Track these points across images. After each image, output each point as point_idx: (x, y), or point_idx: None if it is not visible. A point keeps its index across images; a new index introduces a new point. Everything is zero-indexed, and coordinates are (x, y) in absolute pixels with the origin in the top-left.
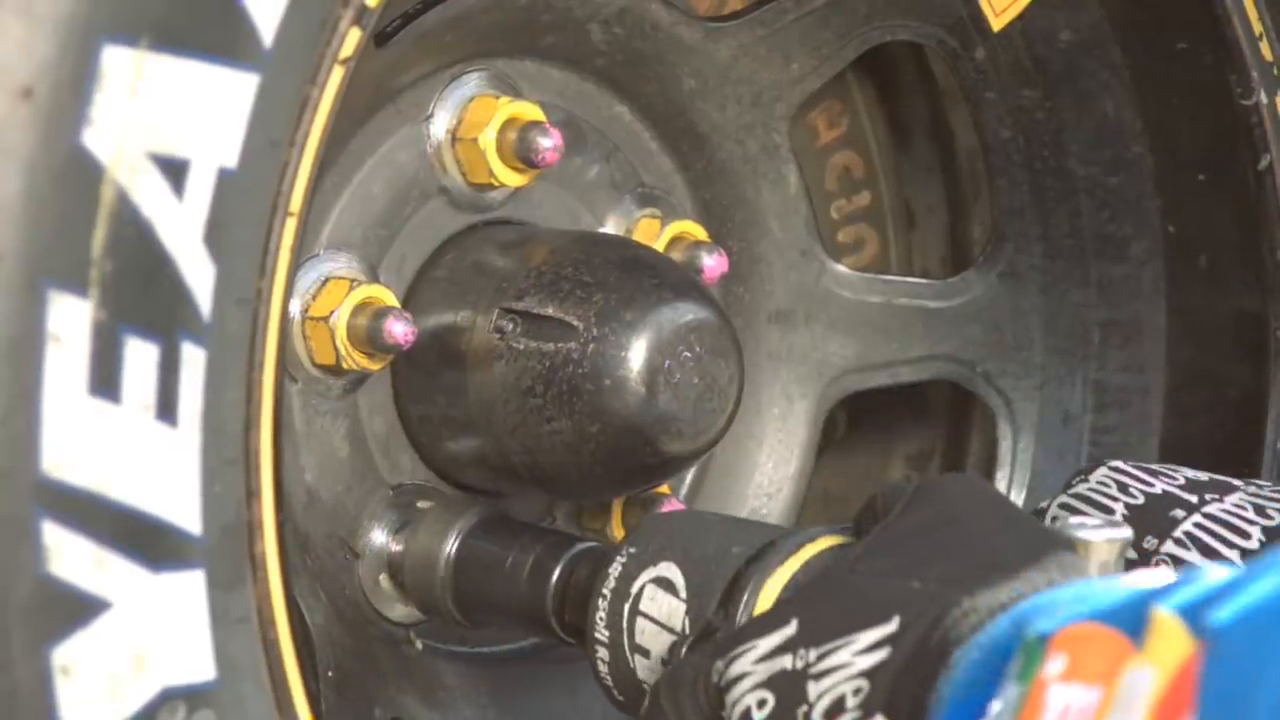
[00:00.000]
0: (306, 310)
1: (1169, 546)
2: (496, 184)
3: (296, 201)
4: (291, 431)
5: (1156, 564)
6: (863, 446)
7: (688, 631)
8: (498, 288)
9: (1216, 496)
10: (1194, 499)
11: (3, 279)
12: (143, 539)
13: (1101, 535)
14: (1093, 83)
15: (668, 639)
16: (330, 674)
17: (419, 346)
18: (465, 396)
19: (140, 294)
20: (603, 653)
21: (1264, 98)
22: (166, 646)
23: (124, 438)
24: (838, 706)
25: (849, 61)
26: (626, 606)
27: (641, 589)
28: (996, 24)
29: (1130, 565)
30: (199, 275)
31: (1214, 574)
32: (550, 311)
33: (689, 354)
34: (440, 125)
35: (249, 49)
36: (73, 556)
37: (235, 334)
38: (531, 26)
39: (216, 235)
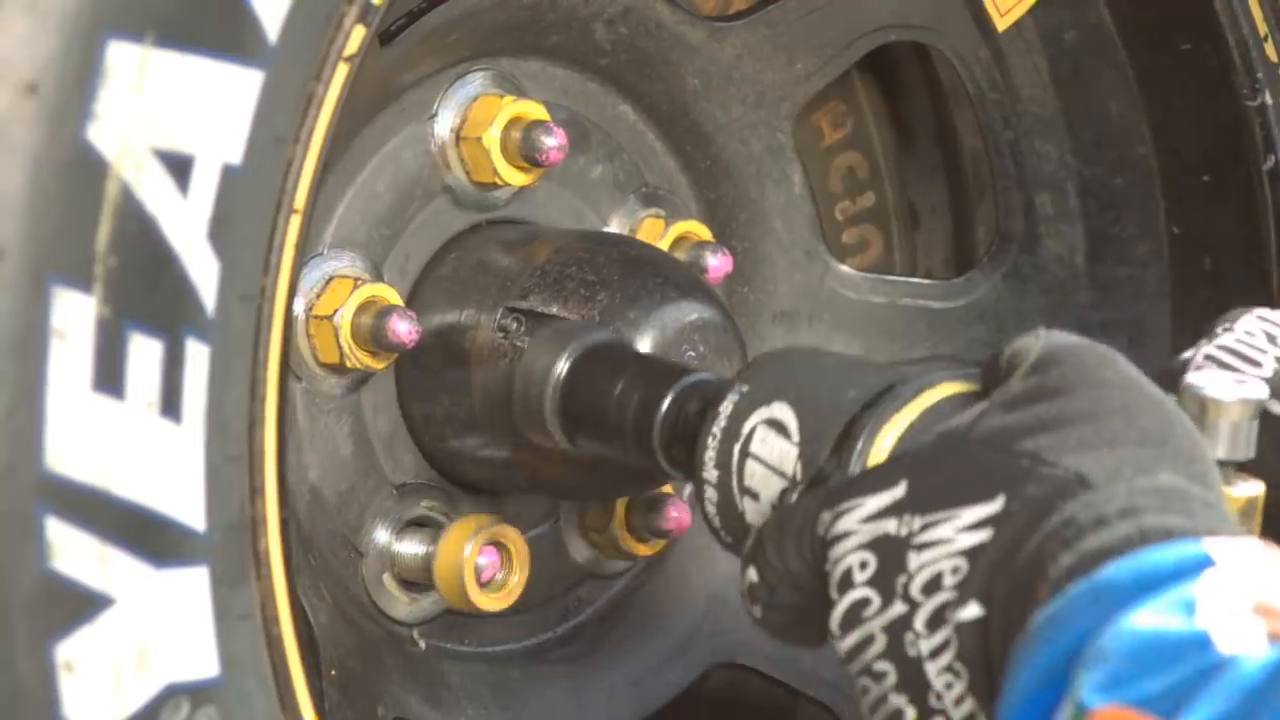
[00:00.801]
0: (311, 309)
1: None
2: (500, 183)
3: (301, 199)
4: (295, 430)
5: None
6: None
7: (799, 477)
8: (501, 287)
9: None
10: None
11: (7, 274)
12: (146, 535)
13: (1233, 394)
14: (1097, 84)
15: (778, 483)
16: (334, 673)
17: (423, 345)
18: (469, 395)
19: (144, 290)
20: (711, 493)
21: (1269, 99)
22: (170, 643)
23: (128, 434)
24: (935, 583)
25: (853, 62)
26: (737, 447)
27: (753, 430)
28: (1001, 24)
29: (1271, 423)
30: (203, 271)
31: (1251, 665)
32: (554, 310)
33: (692, 353)
34: (445, 124)
35: (254, 45)
36: (76, 552)
37: (239, 331)
38: (536, 25)
39: (221, 232)
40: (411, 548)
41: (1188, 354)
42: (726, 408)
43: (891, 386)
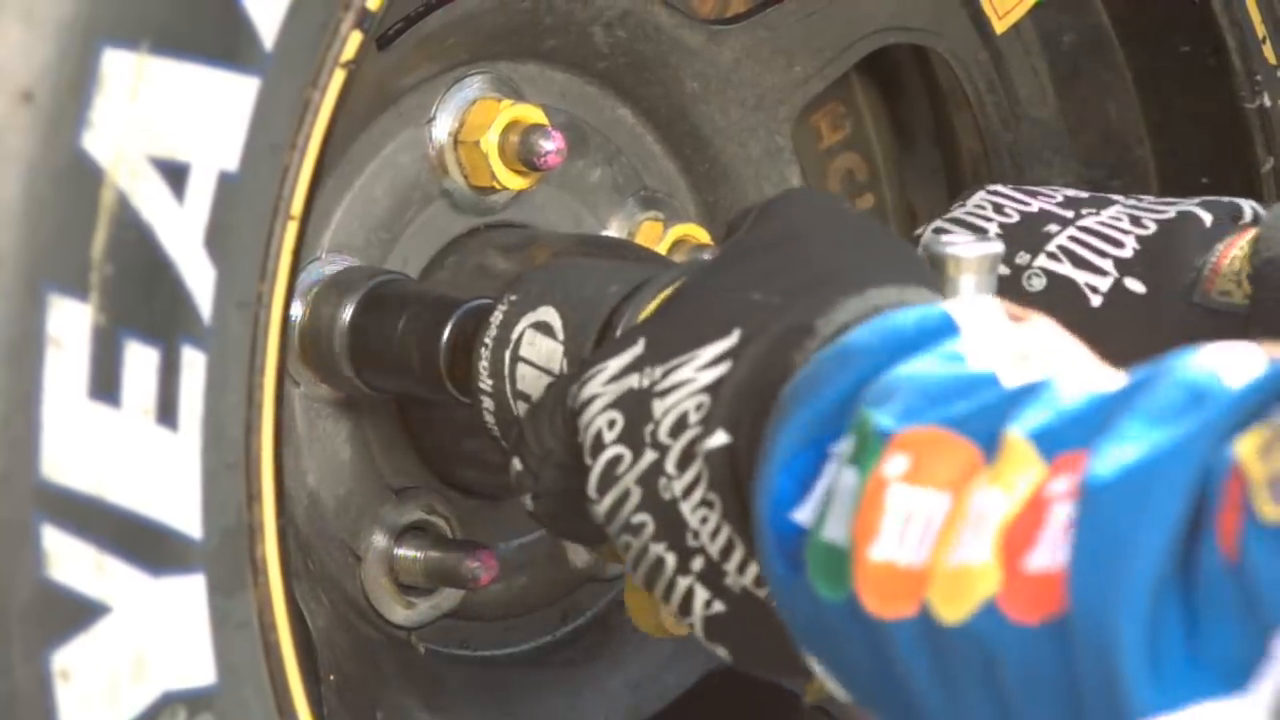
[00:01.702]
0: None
1: (1041, 260)
2: (499, 187)
3: (297, 205)
4: (293, 435)
5: (1029, 279)
6: None
7: (566, 372)
8: (499, 291)
9: (1093, 210)
10: (1070, 214)
11: (2, 282)
12: (143, 543)
13: (972, 251)
14: (1096, 86)
15: (547, 381)
16: (332, 678)
17: None
18: None
19: (141, 298)
20: (488, 402)
21: (1268, 101)
22: (167, 651)
23: (124, 442)
24: (681, 423)
25: (852, 64)
26: (507, 353)
27: (521, 334)
28: (1000, 27)
29: (1003, 282)
30: (200, 279)
31: (1065, 392)
32: None
33: None
34: (442, 128)
35: (250, 52)
36: (72, 561)
37: (236, 338)
38: (534, 29)
39: (217, 239)
40: (410, 552)
41: (917, 231)
42: (496, 318)
43: (650, 278)
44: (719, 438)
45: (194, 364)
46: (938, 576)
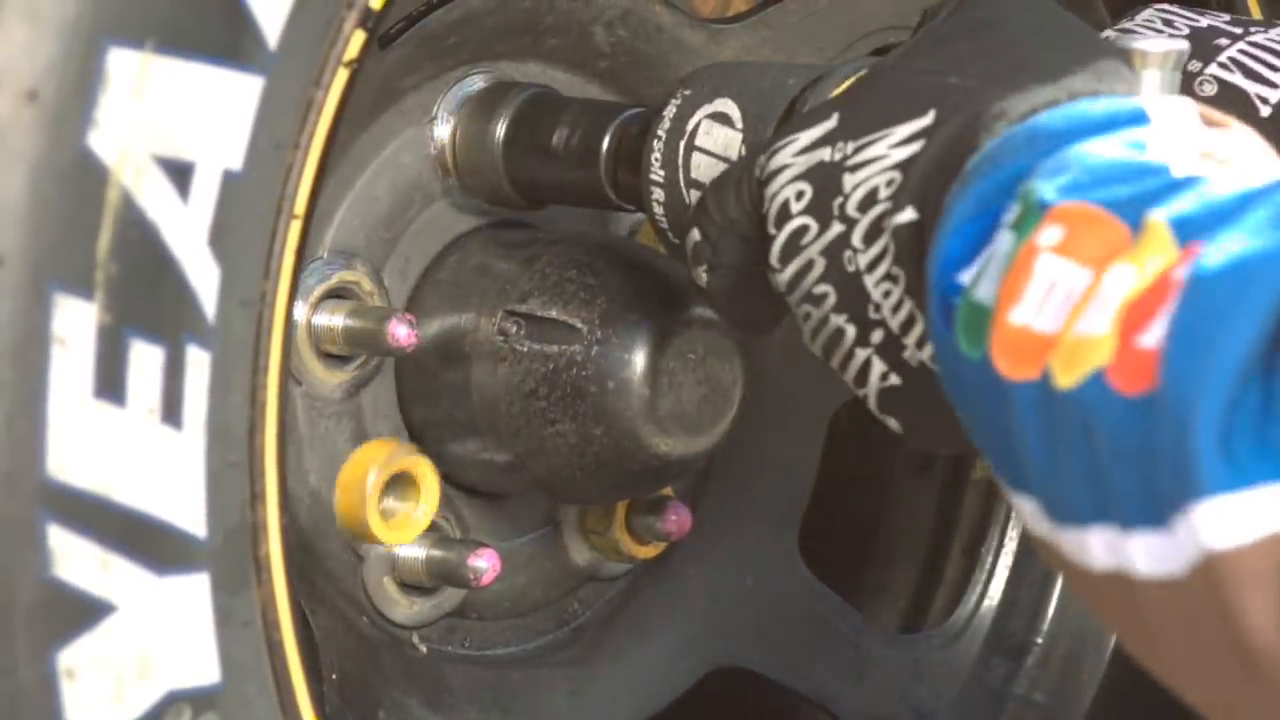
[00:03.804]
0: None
1: (1213, 69)
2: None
3: (301, 204)
4: (296, 434)
5: (1200, 85)
6: (865, 449)
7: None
8: (501, 290)
9: (1261, 28)
10: (1239, 30)
11: (8, 282)
12: (147, 542)
13: (1158, 46)
14: None
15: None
16: (334, 677)
17: (423, 348)
18: (469, 399)
19: (145, 296)
20: (658, 193)
21: None
22: (171, 649)
23: (129, 441)
24: (870, 198)
25: None
26: (682, 144)
27: (698, 125)
28: None
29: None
30: (204, 278)
31: (1220, 186)
32: (554, 314)
33: (692, 356)
34: (444, 128)
35: (253, 51)
36: (77, 559)
37: (240, 337)
38: (535, 29)
39: (221, 238)
40: (412, 551)
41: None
42: (670, 110)
43: (831, 70)
44: (908, 214)
45: (198, 363)
46: (1062, 344)
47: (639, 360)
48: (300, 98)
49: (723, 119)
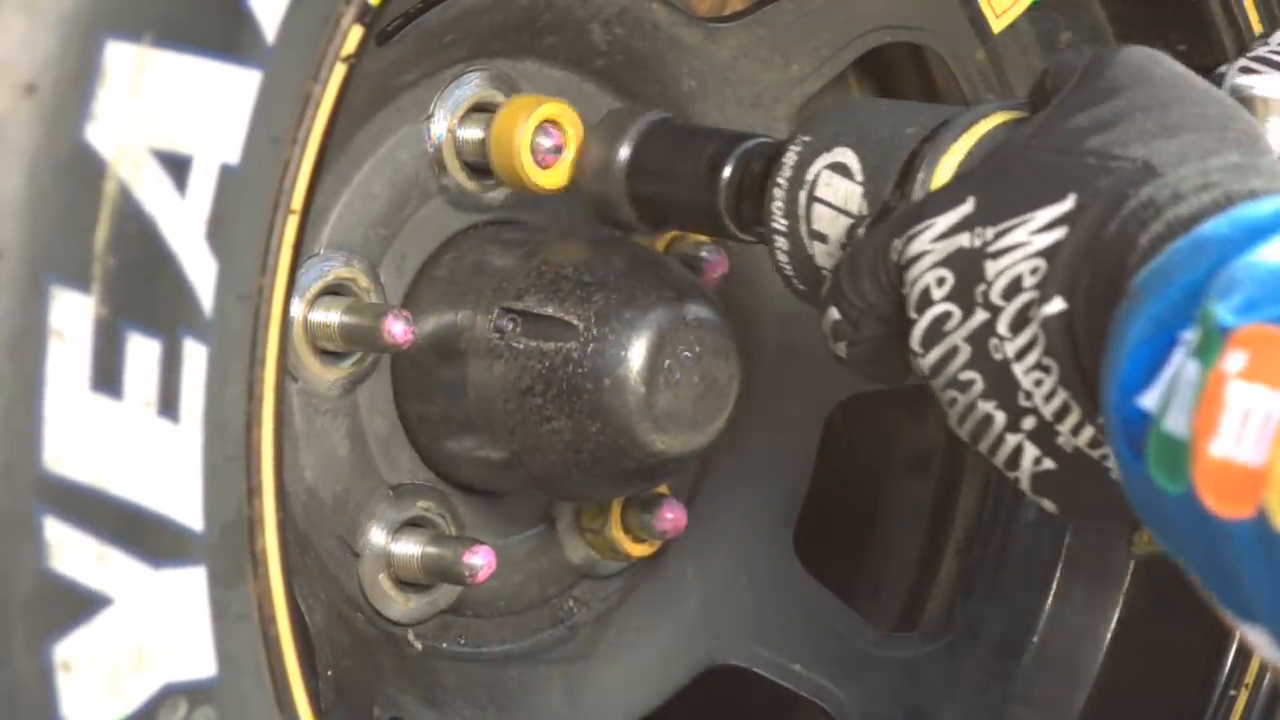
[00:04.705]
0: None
1: None
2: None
3: (298, 199)
4: (291, 430)
5: None
6: (861, 448)
7: (865, 214)
8: (497, 287)
9: None
10: None
11: (5, 275)
12: (144, 535)
13: (1276, 91)
14: None
15: (845, 222)
16: (329, 673)
17: (419, 345)
18: (465, 396)
19: (142, 290)
20: (781, 242)
21: None
22: (168, 643)
23: (125, 434)
24: (1014, 286)
25: (849, 63)
26: (803, 194)
27: (817, 175)
28: (997, 25)
29: None
30: (201, 271)
31: None
32: (550, 311)
33: (689, 354)
34: (441, 125)
35: (252, 45)
36: (74, 552)
37: (237, 331)
38: (532, 26)
39: (219, 232)
40: (408, 548)
41: (1222, 68)
42: (790, 158)
43: (948, 120)
44: (1056, 304)
45: (195, 356)
46: (1274, 478)
47: (635, 357)
48: (298, 93)
49: (842, 170)
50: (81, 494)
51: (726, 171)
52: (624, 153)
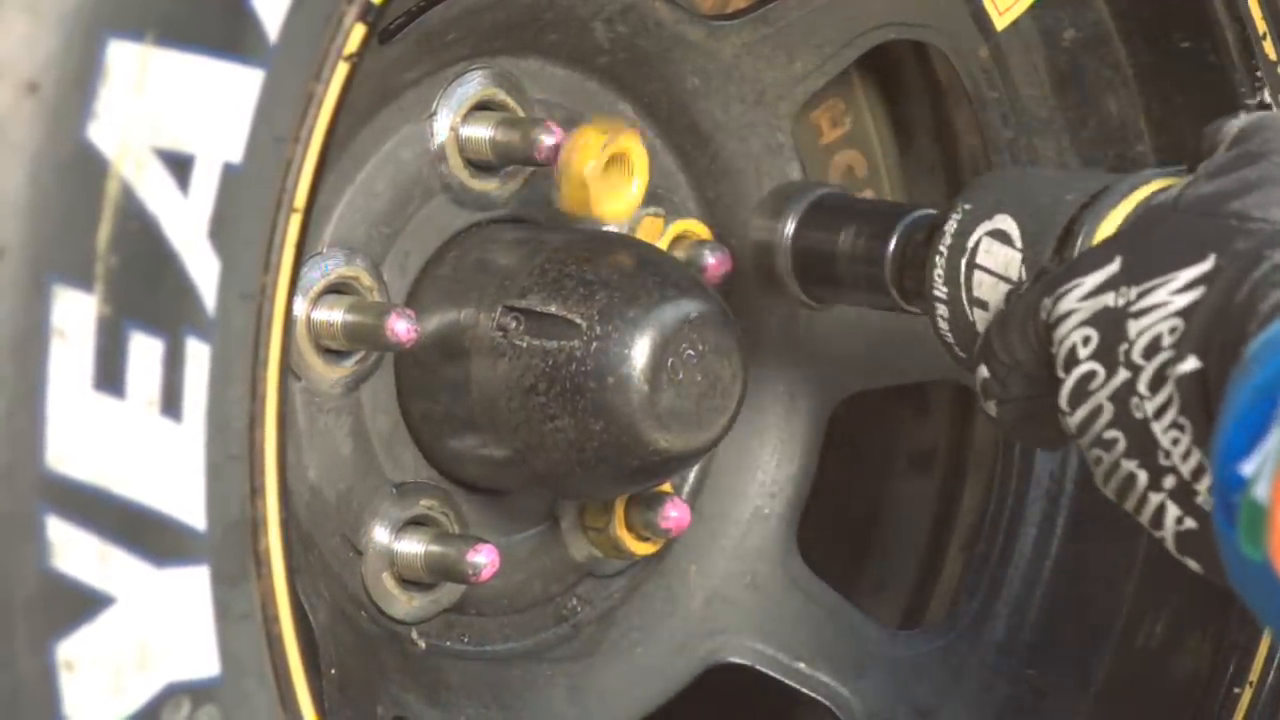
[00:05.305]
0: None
1: None
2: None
3: (301, 197)
4: (294, 429)
5: None
6: (865, 446)
7: (1024, 280)
8: (501, 285)
9: None
10: None
11: (7, 274)
12: (147, 534)
13: None
14: (1096, 81)
15: (1005, 289)
16: (333, 672)
17: (422, 344)
18: (468, 394)
19: (145, 289)
20: (942, 309)
21: (1268, 97)
22: (171, 642)
23: (128, 433)
24: (1154, 346)
25: (852, 60)
26: (964, 261)
27: (978, 242)
28: (1000, 23)
29: None
30: (204, 270)
31: None
32: (553, 309)
33: (692, 352)
34: (444, 123)
35: (254, 44)
36: (77, 551)
37: (240, 329)
38: (535, 24)
39: (221, 231)
40: (411, 546)
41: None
42: (951, 226)
43: (1108, 186)
44: (1190, 363)
45: (198, 355)
46: None
47: (638, 356)
48: (301, 91)
49: (1002, 237)
50: (84, 493)
51: (891, 244)
52: (788, 228)
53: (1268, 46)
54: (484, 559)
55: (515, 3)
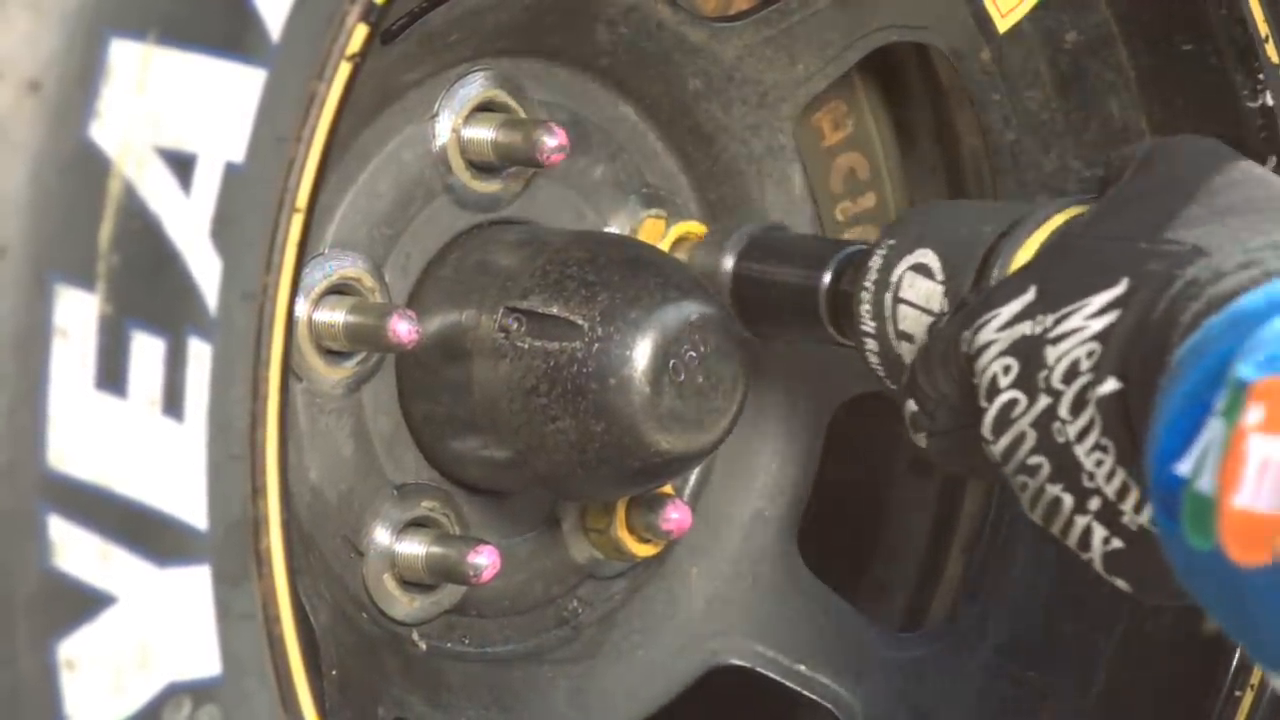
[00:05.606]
0: None
1: None
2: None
3: (303, 198)
4: (296, 430)
5: None
6: (866, 448)
7: (946, 311)
8: (502, 287)
9: None
10: None
11: (9, 272)
12: (148, 534)
13: None
14: (1098, 84)
15: (928, 321)
16: (334, 673)
17: (424, 345)
18: (470, 395)
19: (147, 288)
20: (871, 344)
21: (1269, 99)
22: (172, 641)
23: (130, 432)
24: (1073, 370)
25: (854, 62)
26: (888, 295)
27: (901, 277)
28: (1002, 25)
29: None
30: (206, 270)
31: None
32: (555, 311)
33: (694, 353)
34: (446, 124)
35: (256, 44)
36: (78, 551)
37: (241, 329)
38: (537, 26)
39: (223, 230)
40: (412, 548)
41: None
42: (875, 261)
43: (1022, 217)
44: (1110, 384)
45: (200, 355)
46: None
47: (640, 357)
48: (303, 91)
49: (924, 270)
50: (85, 492)
51: (825, 280)
52: (729, 263)
53: (1269, 49)
54: (485, 560)
55: (517, 4)
